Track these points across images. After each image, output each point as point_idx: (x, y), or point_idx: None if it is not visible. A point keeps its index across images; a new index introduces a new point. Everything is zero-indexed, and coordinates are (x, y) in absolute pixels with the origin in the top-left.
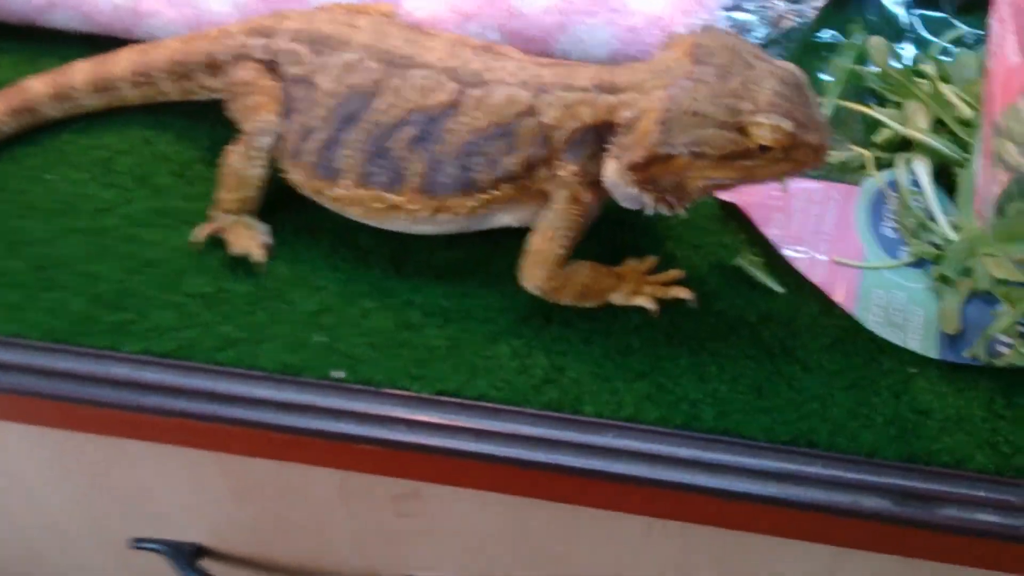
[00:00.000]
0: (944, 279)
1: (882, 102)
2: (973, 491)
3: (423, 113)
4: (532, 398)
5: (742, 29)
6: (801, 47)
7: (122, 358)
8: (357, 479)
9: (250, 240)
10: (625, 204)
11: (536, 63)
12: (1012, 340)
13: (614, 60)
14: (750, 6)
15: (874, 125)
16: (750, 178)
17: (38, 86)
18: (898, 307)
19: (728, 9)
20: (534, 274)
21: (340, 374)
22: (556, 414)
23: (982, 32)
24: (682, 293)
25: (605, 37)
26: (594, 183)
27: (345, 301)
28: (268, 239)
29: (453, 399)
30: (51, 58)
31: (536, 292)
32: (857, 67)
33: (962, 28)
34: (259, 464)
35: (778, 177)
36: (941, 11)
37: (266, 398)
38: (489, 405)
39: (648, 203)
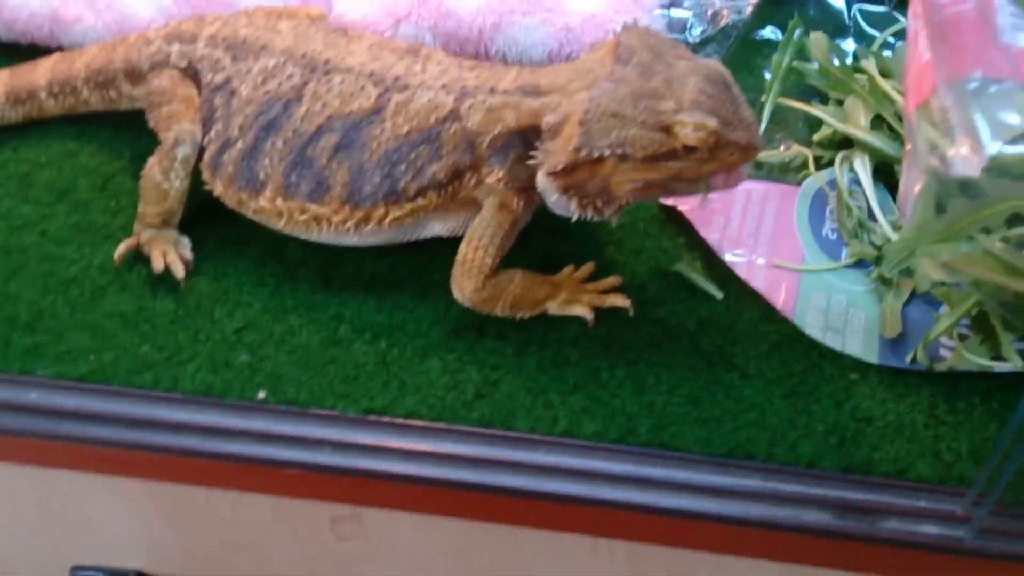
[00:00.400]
0: (884, 280)
1: (824, 99)
2: (915, 502)
3: (345, 119)
4: (463, 415)
5: (679, 27)
6: (739, 44)
7: (35, 383)
8: (291, 502)
9: (172, 255)
10: (555, 211)
11: (460, 66)
12: (954, 343)
13: (551, 60)
14: (686, 4)
15: (816, 123)
16: (678, 180)
17: None
18: (838, 310)
19: (665, 7)
20: (464, 285)
21: (262, 395)
22: (487, 431)
23: None
24: (619, 301)
25: (541, 37)
26: (523, 189)
27: (271, 317)
28: (189, 254)
29: (381, 418)
30: None
31: (467, 304)
32: (798, 63)
33: (903, 21)
34: (188, 490)
35: (707, 178)
36: (882, 5)
37: (187, 422)
38: (418, 423)
39: (574, 209)
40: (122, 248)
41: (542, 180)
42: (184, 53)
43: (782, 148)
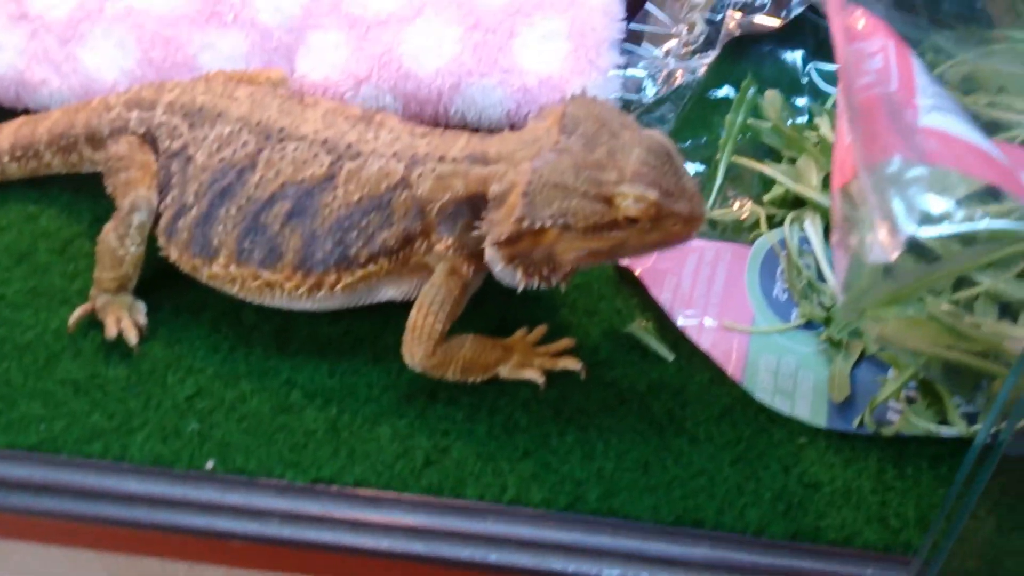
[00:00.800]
0: (833, 342)
1: (778, 157)
2: (862, 570)
3: (298, 186)
4: (412, 483)
5: (634, 87)
6: (695, 103)
7: None
8: (245, 572)
9: (126, 321)
10: (502, 280)
11: (412, 133)
12: (901, 406)
13: (509, 120)
14: (641, 64)
15: (770, 181)
16: (622, 249)
17: None
18: (787, 373)
19: (620, 67)
20: (414, 351)
21: (210, 464)
22: (436, 500)
23: None
24: (571, 364)
25: (499, 97)
26: (473, 255)
27: (223, 383)
28: (144, 319)
29: (329, 487)
30: None
31: (418, 369)
32: (753, 121)
33: None
34: (142, 560)
35: (652, 248)
36: (837, 63)
37: (136, 493)
38: (366, 493)
39: (520, 278)
40: (77, 314)
41: (489, 251)
42: (143, 120)
43: (736, 205)
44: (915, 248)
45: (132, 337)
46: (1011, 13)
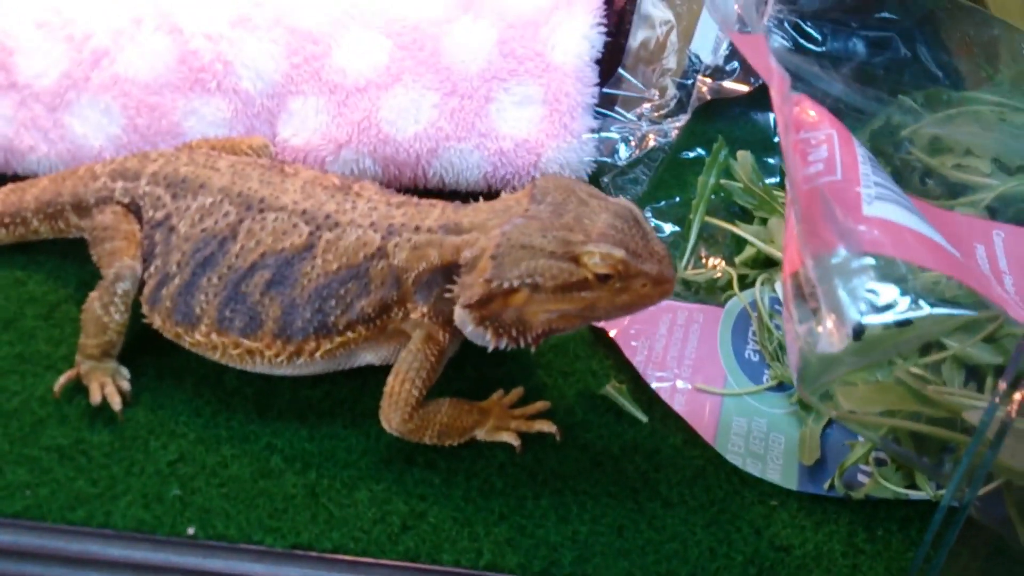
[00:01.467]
0: (803, 405)
1: (750, 218)
2: None
3: (277, 256)
4: (389, 548)
5: (608, 149)
6: (668, 164)
7: None
8: None
9: (110, 388)
10: (474, 342)
11: (389, 203)
12: (871, 469)
13: (487, 182)
14: (614, 128)
15: (743, 241)
16: (592, 311)
17: None
18: (759, 435)
19: (594, 131)
20: (391, 417)
21: (191, 531)
22: (413, 565)
23: None
24: (546, 427)
25: (476, 160)
26: (449, 322)
27: (204, 449)
28: (127, 385)
29: (308, 552)
30: None
31: (396, 434)
32: (726, 182)
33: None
34: None
35: (623, 310)
36: (782, 153)
37: (118, 559)
38: (344, 558)
39: (491, 339)
40: (63, 380)
41: (459, 313)
42: (127, 190)
43: (709, 264)
44: (829, 359)
45: (116, 403)
46: (981, 74)
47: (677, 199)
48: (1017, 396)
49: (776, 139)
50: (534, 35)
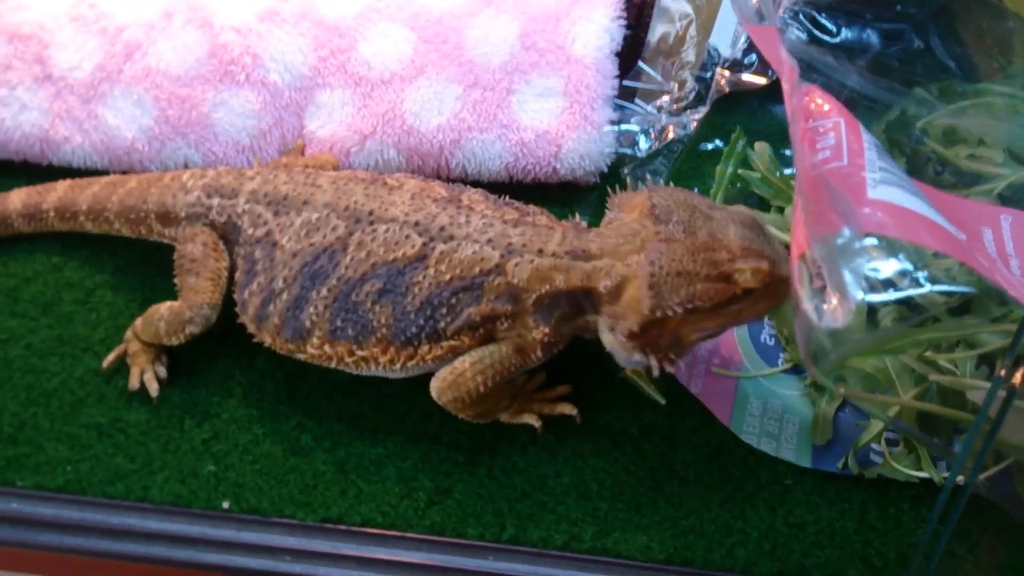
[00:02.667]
0: (816, 386)
1: (767, 207)
2: None
3: (389, 266)
4: (416, 522)
5: (628, 141)
6: (688, 155)
7: (15, 493)
8: None
9: (148, 374)
10: (629, 367)
11: (504, 219)
12: (883, 448)
13: (508, 172)
14: (634, 120)
15: None
16: (737, 320)
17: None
18: (773, 416)
19: (614, 123)
20: (445, 392)
21: (226, 504)
22: (438, 538)
23: None
24: (567, 409)
25: (497, 151)
26: (551, 343)
27: (237, 427)
28: (164, 372)
29: (337, 526)
30: None
31: (438, 401)
32: (744, 172)
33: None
34: None
35: (763, 313)
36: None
37: (156, 531)
38: (373, 531)
39: (654, 364)
40: (111, 357)
41: (611, 340)
42: (224, 208)
43: None
44: (835, 334)
45: (153, 389)
46: (994, 66)
47: (696, 189)
48: (1019, 374)
49: None
50: (555, 28)
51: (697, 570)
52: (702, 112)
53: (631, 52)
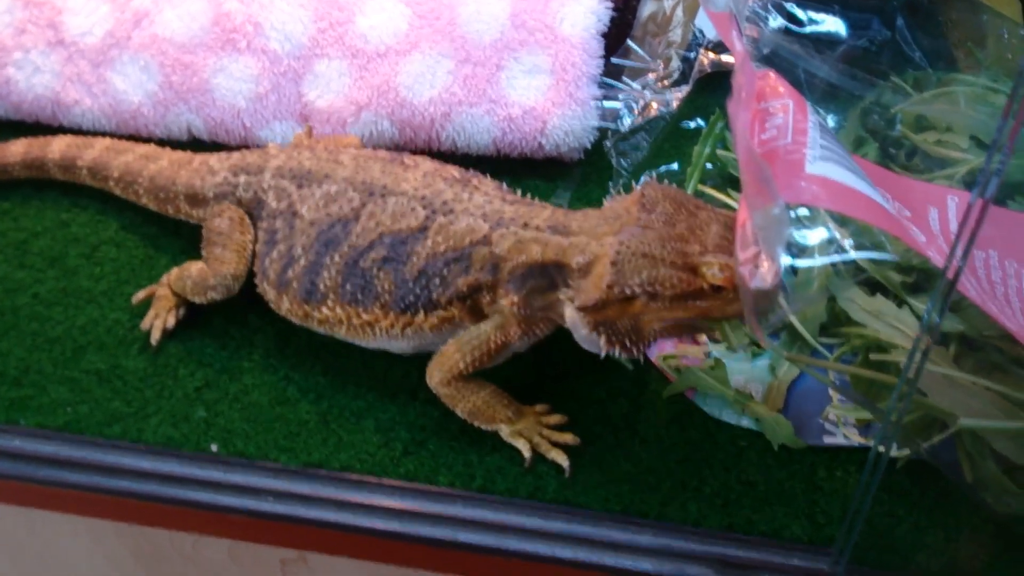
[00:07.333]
0: (774, 357)
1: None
2: (788, 560)
3: (394, 236)
4: (391, 469)
5: (611, 116)
6: (669, 133)
7: (18, 431)
8: (245, 545)
9: (158, 321)
10: (584, 346)
11: (504, 199)
12: (835, 417)
13: (496, 146)
14: (618, 96)
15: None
16: (704, 317)
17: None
18: (736, 386)
19: (597, 99)
20: (433, 372)
21: (215, 447)
22: (412, 485)
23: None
24: (560, 459)
25: (486, 125)
26: (528, 319)
27: (228, 377)
28: (172, 324)
29: (318, 471)
30: None
31: (434, 390)
32: (721, 153)
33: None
34: (152, 531)
35: (731, 318)
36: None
37: (149, 470)
38: (351, 477)
39: (604, 345)
40: (141, 295)
41: (572, 315)
42: (250, 184)
43: None
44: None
45: (155, 337)
46: (961, 58)
47: (675, 165)
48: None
49: None
50: (544, 8)
51: (651, 521)
52: (685, 91)
53: (618, 32)
